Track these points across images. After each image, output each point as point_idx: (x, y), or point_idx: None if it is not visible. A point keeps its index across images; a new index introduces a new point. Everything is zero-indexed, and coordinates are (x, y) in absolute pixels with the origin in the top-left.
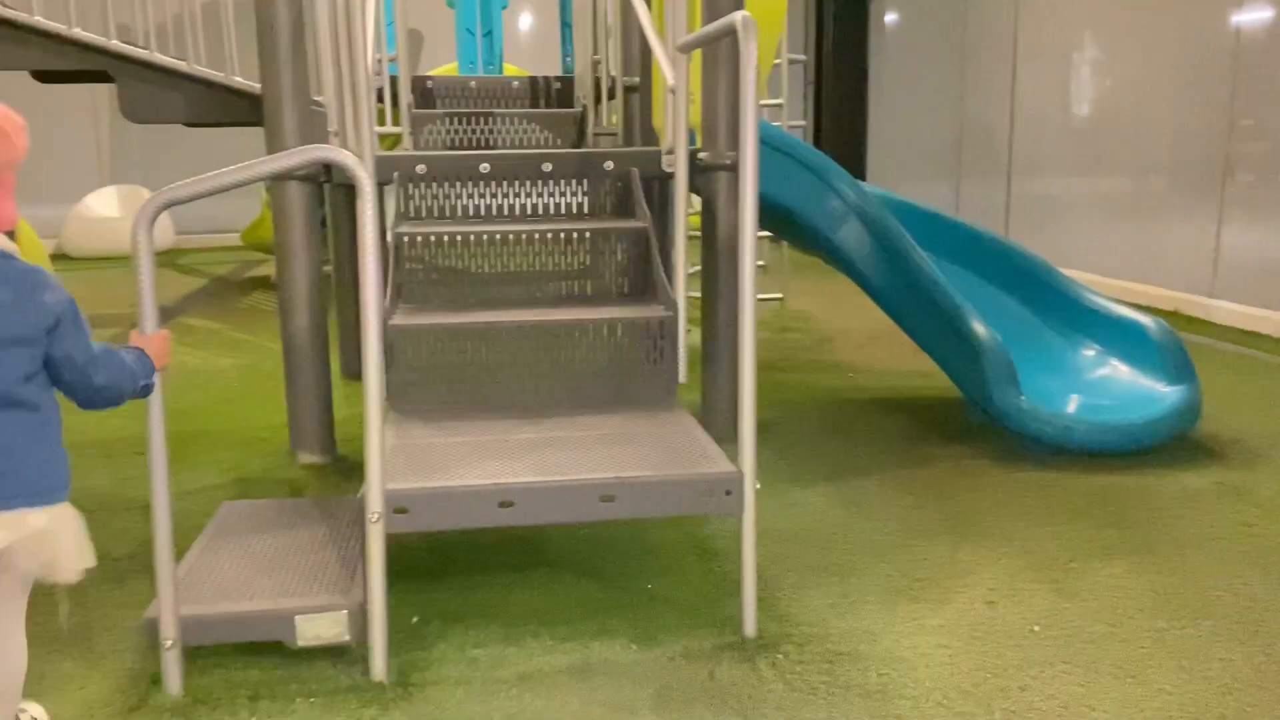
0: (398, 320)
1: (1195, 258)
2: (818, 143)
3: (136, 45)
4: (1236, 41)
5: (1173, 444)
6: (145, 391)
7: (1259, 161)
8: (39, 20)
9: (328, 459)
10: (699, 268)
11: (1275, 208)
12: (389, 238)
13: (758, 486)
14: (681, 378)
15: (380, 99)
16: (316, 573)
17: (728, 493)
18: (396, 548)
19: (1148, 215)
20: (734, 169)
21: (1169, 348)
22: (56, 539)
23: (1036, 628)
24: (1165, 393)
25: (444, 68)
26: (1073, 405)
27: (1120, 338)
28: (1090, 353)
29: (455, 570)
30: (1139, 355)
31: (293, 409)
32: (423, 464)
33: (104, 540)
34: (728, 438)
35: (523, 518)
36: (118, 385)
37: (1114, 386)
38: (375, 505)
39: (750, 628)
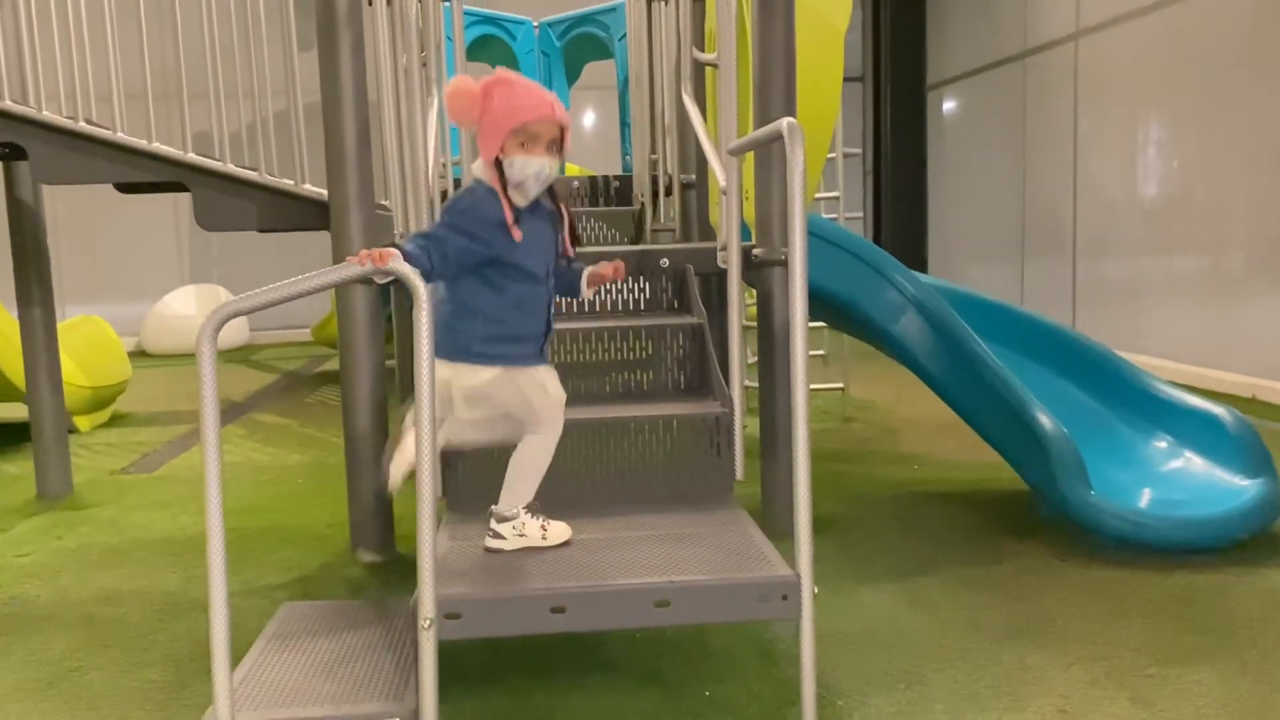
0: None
1: (1271, 341)
2: (877, 232)
3: (212, 156)
4: None
5: (1253, 540)
6: None
7: None
8: (121, 136)
9: (387, 558)
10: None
11: None
12: None
13: (815, 590)
14: (739, 475)
15: (445, 199)
16: (371, 678)
17: (784, 597)
18: (452, 649)
19: (1220, 298)
20: (787, 264)
21: (1246, 439)
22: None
23: None
24: (1243, 486)
25: None
26: (1145, 500)
27: (1194, 429)
28: (1162, 445)
29: (512, 673)
30: (1214, 447)
31: (353, 507)
32: (476, 568)
33: (168, 643)
34: (788, 533)
35: (575, 624)
36: None
37: (1188, 480)
38: (427, 611)
39: None
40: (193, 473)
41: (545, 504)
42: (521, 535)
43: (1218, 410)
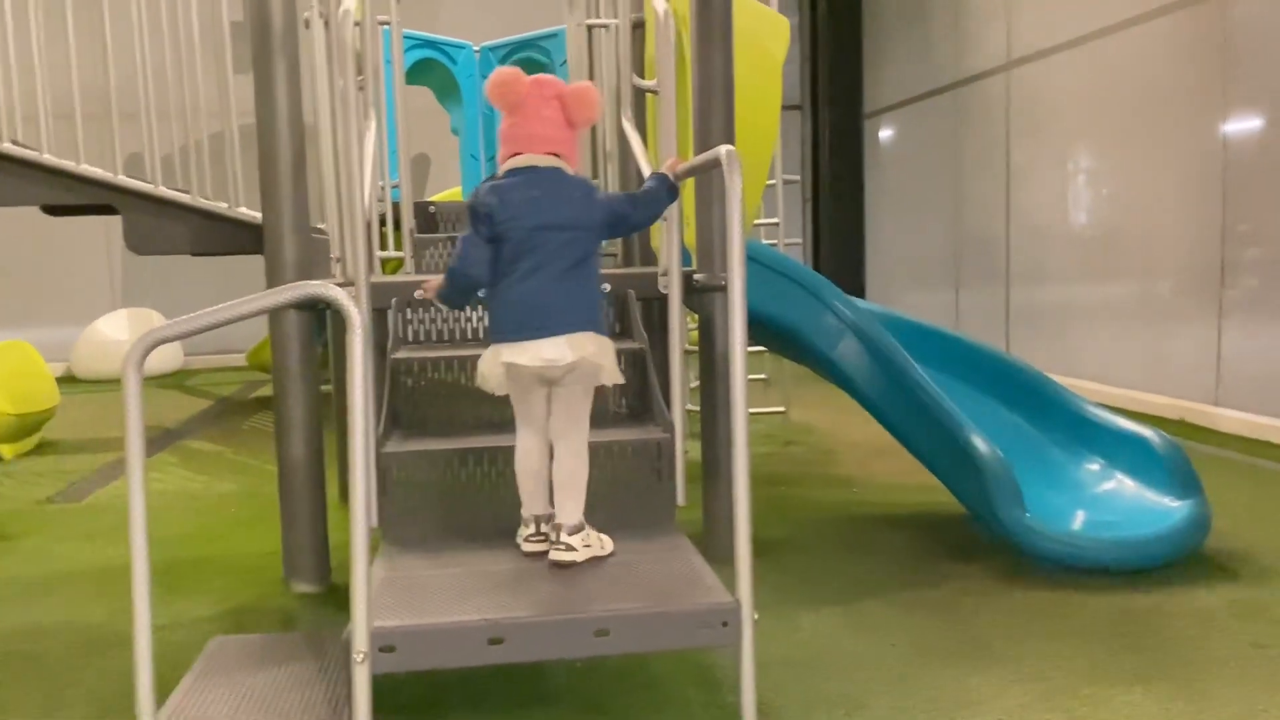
0: (391, 447)
1: (1198, 365)
2: (816, 258)
3: (143, 178)
4: (1225, 150)
5: (1184, 560)
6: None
7: (1256, 267)
8: (48, 158)
9: (322, 588)
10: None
11: (1272, 314)
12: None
13: (756, 616)
14: (680, 500)
15: (384, 223)
16: (304, 713)
17: (725, 624)
18: (388, 680)
19: (1149, 323)
20: (727, 289)
21: (1174, 461)
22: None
23: None
24: (1173, 507)
25: (448, 192)
26: (1079, 521)
27: (1124, 451)
28: (1094, 467)
29: (450, 705)
30: (1144, 469)
31: (287, 536)
32: (412, 598)
33: (93, 680)
34: (730, 558)
35: (514, 655)
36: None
37: (1120, 501)
38: (360, 645)
39: None
40: (122, 502)
41: (482, 536)
42: (588, 545)
43: (1147, 433)
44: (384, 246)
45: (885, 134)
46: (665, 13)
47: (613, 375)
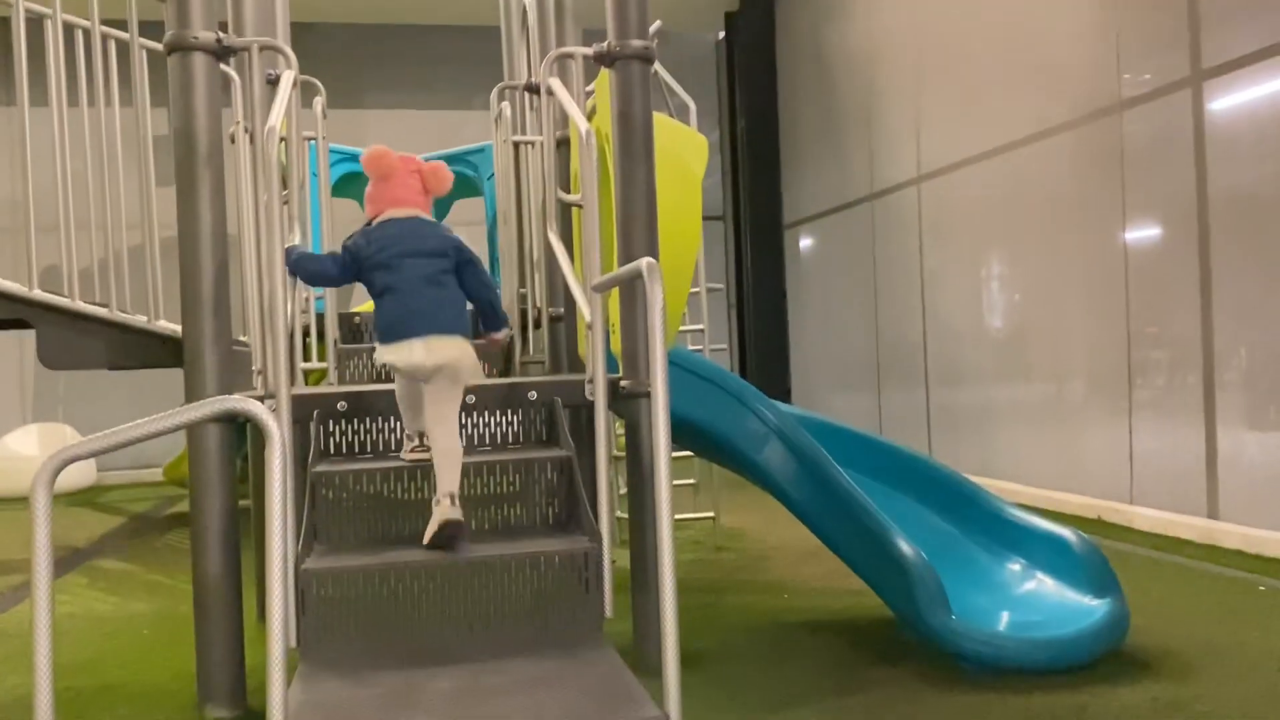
0: (311, 564)
1: (1112, 464)
2: (743, 363)
3: (59, 292)
4: (1125, 256)
5: (1106, 657)
6: None
7: (1161, 368)
8: None
9: (238, 712)
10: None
11: (1179, 414)
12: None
13: None
14: (608, 612)
15: (308, 334)
16: None
17: None
18: None
19: (1063, 424)
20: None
21: (1092, 560)
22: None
23: None
24: (1093, 606)
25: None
26: (1003, 622)
27: (1044, 551)
28: (1016, 567)
29: None
30: (1063, 568)
31: (201, 658)
32: None
33: None
34: (660, 670)
35: None
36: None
37: (1042, 601)
38: None
39: None
40: (25, 627)
41: (404, 655)
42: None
43: (1064, 533)
44: (307, 357)
45: (805, 243)
46: (587, 131)
47: (474, 374)
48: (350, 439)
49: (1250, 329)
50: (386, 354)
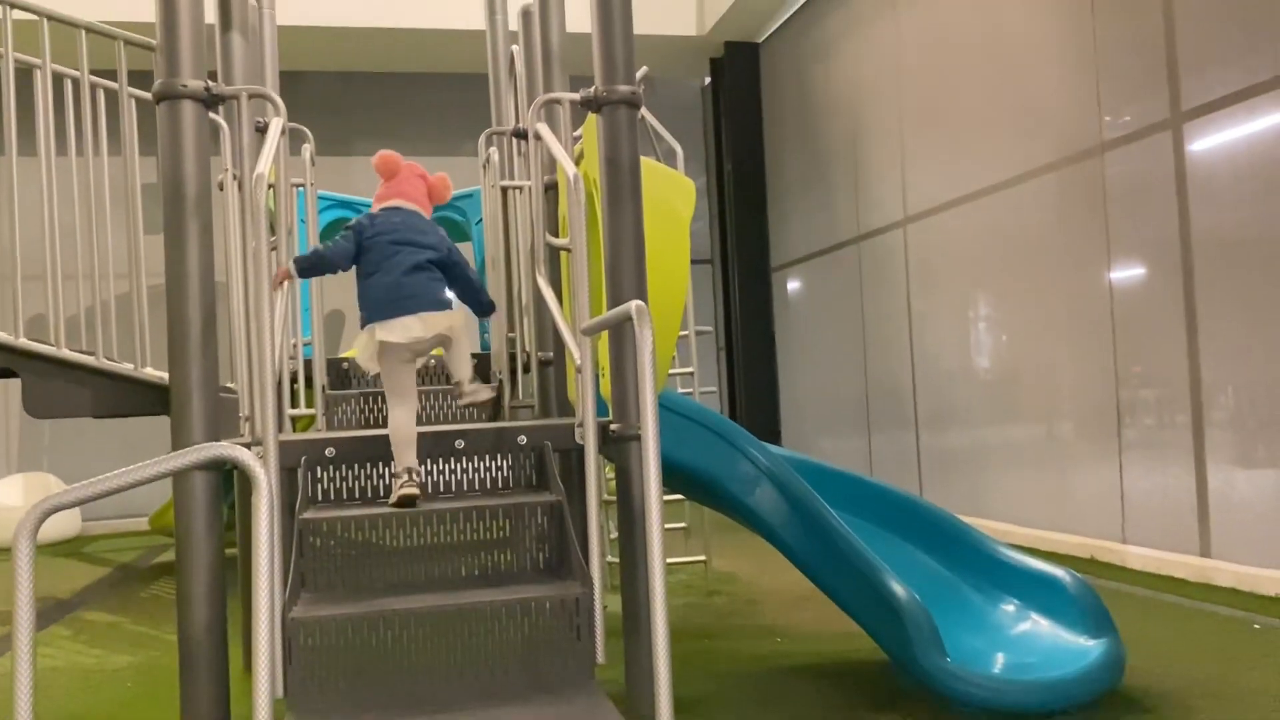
0: (298, 613)
1: (1104, 504)
2: (732, 406)
3: (46, 340)
4: (1111, 296)
5: (1104, 698)
6: None
7: (1149, 407)
8: None
9: None
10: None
11: (1168, 452)
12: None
13: None
14: (600, 659)
15: (295, 380)
16: None
17: None
18: None
19: (1054, 464)
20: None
21: (1086, 600)
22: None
23: None
24: (1088, 647)
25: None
26: (998, 664)
27: (1037, 591)
28: (1010, 608)
29: None
30: (1057, 609)
31: (186, 710)
32: None
33: None
34: (653, 716)
35: None
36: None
37: (1037, 642)
38: None
39: None
40: (5, 680)
41: (393, 703)
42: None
43: (1058, 572)
44: (295, 404)
45: (793, 285)
46: (575, 176)
47: (470, 333)
48: (339, 485)
49: (1237, 367)
50: (384, 332)
